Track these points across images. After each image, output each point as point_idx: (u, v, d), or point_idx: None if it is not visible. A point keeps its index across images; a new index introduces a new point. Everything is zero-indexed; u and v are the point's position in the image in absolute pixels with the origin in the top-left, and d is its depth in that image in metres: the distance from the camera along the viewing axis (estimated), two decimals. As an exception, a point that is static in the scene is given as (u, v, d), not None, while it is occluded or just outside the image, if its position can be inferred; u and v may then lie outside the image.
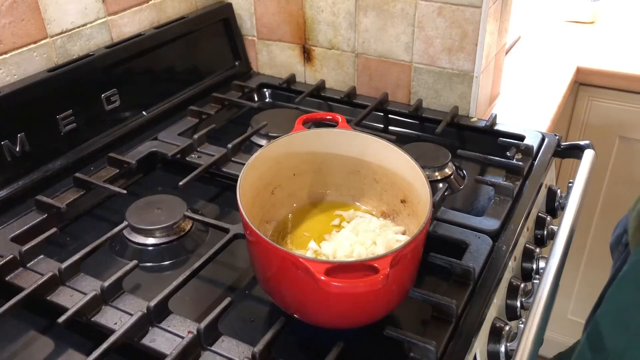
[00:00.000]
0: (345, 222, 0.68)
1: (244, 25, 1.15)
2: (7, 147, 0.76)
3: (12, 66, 0.81)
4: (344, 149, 0.68)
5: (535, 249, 0.79)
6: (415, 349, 0.56)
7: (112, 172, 0.83)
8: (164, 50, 1.00)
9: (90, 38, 0.92)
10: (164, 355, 0.54)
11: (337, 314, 0.56)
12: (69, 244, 0.74)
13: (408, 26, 0.98)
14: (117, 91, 0.91)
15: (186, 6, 1.09)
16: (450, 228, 0.71)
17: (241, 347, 0.56)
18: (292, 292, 0.56)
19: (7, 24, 0.79)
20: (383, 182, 0.68)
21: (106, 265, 0.69)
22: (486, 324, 0.63)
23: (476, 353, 0.61)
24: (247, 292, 0.66)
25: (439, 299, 0.59)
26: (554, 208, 0.90)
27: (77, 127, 0.85)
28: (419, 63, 1.01)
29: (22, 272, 0.65)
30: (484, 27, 0.93)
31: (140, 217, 0.73)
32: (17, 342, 0.60)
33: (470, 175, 0.86)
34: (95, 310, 0.59)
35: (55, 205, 0.74)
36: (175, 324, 0.58)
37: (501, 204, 0.76)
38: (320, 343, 0.59)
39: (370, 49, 1.04)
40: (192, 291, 0.65)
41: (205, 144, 0.89)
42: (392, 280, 0.48)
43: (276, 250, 0.52)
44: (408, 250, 0.53)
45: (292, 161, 0.68)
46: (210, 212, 0.81)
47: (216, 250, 0.66)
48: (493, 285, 0.65)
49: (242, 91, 1.07)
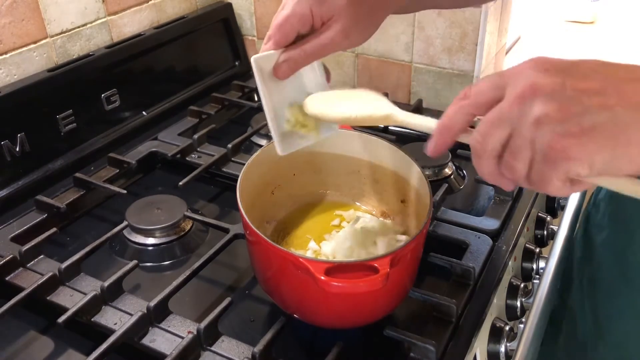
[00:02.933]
0: (345, 222, 0.68)
1: (244, 25, 1.15)
2: (7, 147, 0.76)
3: (12, 66, 0.81)
4: (344, 149, 0.68)
5: (535, 249, 0.79)
6: (415, 349, 0.56)
7: (112, 172, 0.83)
8: (164, 50, 1.00)
9: (90, 38, 0.92)
10: (164, 355, 0.54)
11: (337, 314, 0.56)
12: (69, 244, 0.74)
13: (408, 26, 0.98)
14: (117, 91, 0.91)
15: (186, 6, 1.09)
16: (450, 228, 0.71)
17: (241, 347, 0.56)
18: (292, 292, 0.56)
19: (7, 24, 0.79)
20: (383, 182, 0.68)
21: (106, 265, 0.69)
22: (486, 324, 0.63)
23: (476, 353, 0.62)
24: (247, 292, 0.66)
25: (439, 299, 0.59)
26: (554, 208, 0.90)
27: (77, 127, 0.85)
28: (419, 63, 1.01)
29: (22, 272, 0.65)
30: (484, 27, 0.93)
31: (140, 217, 0.73)
32: (17, 342, 0.60)
33: (470, 175, 0.86)
34: (95, 310, 0.59)
35: (55, 205, 0.74)
36: (175, 324, 0.58)
37: (501, 204, 0.76)
38: (320, 343, 0.59)
39: (370, 49, 1.04)
40: (192, 291, 0.65)
41: (205, 144, 0.89)
42: (392, 280, 0.48)
43: (276, 250, 0.52)
44: (408, 250, 0.53)
45: (292, 161, 0.68)
46: (210, 212, 0.81)
47: (216, 250, 0.66)
48: (493, 285, 0.65)
49: (242, 91, 1.07)
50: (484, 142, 0.41)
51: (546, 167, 0.38)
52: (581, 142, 0.36)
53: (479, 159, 0.42)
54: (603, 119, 0.36)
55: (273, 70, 0.55)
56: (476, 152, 0.42)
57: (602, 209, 0.71)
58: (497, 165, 0.41)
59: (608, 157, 0.36)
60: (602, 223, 0.70)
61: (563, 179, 0.38)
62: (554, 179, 0.38)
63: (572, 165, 0.37)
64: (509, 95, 0.39)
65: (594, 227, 0.72)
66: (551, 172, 0.38)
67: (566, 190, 0.40)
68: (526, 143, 0.38)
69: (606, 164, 0.37)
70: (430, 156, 0.47)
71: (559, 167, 0.38)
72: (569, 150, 0.37)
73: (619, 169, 0.37)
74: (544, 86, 0.38)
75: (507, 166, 0.40)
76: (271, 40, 0.55)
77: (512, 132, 0.39)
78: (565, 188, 0.39)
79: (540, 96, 0.38)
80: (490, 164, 0.41)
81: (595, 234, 0.72)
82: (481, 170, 0.42)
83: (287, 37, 0.55)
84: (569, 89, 0.37)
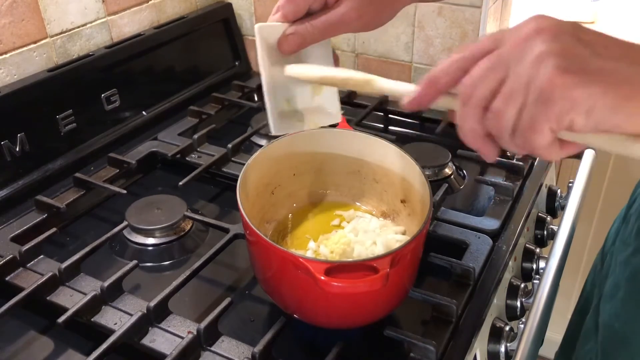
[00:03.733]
0: (345, 222, 0.68)
1: (244, 25, 1.15)
2: (7, 147, 0.76)
3: (12, 66, 0.81)
4: (344, 149, 0.68)
5: (535, 249, 0.79)
6: (415, 349, 0.56)
7: (112, 172, 0.83)
8: (163, 50, 1.00)
9: (90, 38, 0.92)
10: (164, 355, 0.54)
11: (337, 314, 0.56)
12: (69, 244, 0.74)
13: (408, 26, 0.98)
14: (117, 91, 0.91)
15: (186, 6, 1.09)
16: (450, 228, 0.71)
17: (241, 347, 0.56)
18: (292, 292, 0.56)
19: (7, 24, 0.79)
20: (383, 182, 0.68)
21: (106, 265, 0.69)
22: (486, 324, 0.63)
23: (476, 353, 0.61)
24: (247, 292, 0.66)
25: (439, 299, 0.59)
26: (554, 208, 0.90)
27: (77, 127, 0.85)
28: (419, 63, 1.01)
29: (22, 272, 0.65)
30: (484, 27, 0.93)
31: (140, 217, 0.73)
32: (17, 342, 0.60)
33: (470, 175, 0.86)
34: (95, 311, 0.59)
35: (55, 205, 0.74)
36: (175, 324, 0.58)
37: (501, 204, 0.76)
38: (320, 343, 0.59)
39: (370, 49, 1.04)
40: (192, 291, 0.65)
41: (205, 144, 0.89)
42: (391, 281, 0.48)
43: (276, 250, 0.52)
44: (408, 250, 0.53)
45: (292, 161, 0.68)
46: (210, 212, 0.81)
47: (216, 250, 0.66)
48: (493, 285, 0.65)
49: (242, 91, 1.07)
50: (474, 87, 0.37)
51: (539, 110, 0.35)
52: (584, 82, 0.33)
53: (464, 107, 0.38)
54: (609, 67, 0.34)
55: (277, 43, 0.52)
56: (463, 99, 0.38)
57: (631, 224, 0.68)
58: (481, 117, 0.38)
59: (609, 106, 0.33)
60: (629, 240, 0.67)
61: (554, 129, 0.35)
62: (545, 127, 0.35)
63: (569, 109, 0.34)
64: (509, 40, 0.36)
65: (620, 243, 0.70)
66: (543, 117, 0.35)
67: (554, 148, 0.36)
68: (521, 83, 0.35)
69: (604, 115, 0.34)
70: (405, 108, 0.43)
71: (554, 109, 0.34)
72: (569, 88, 0.33)
73: (616, 125, 0.34)
74: (549, 28, 0.35)
75: (495, 115, 0.37)
76: (280, 12, 0.52)
77: (507, 75, 0.36)
78: (554, 146, 0.36)
79: (544, 35, 0.35)
80: (475, 114, 0.38)
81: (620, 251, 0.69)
82: (464, 124, 0.39)
83: (297, 9, 0.51)
84: (575, 35, 0.35)
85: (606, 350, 0.67)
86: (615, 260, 0.70)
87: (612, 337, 0.66)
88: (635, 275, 0.64)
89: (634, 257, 0.65)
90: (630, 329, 0.63)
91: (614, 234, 0.75)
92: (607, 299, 0.68)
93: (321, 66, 0.54)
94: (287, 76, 0.53)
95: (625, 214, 0.72)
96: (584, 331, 0.74)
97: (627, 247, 0.67)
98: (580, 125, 0.34)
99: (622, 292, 0.65)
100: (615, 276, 0.68)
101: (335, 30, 0.52)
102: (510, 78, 0.36)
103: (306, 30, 0.51)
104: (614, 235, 0.75)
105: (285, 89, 0.55)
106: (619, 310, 0.65)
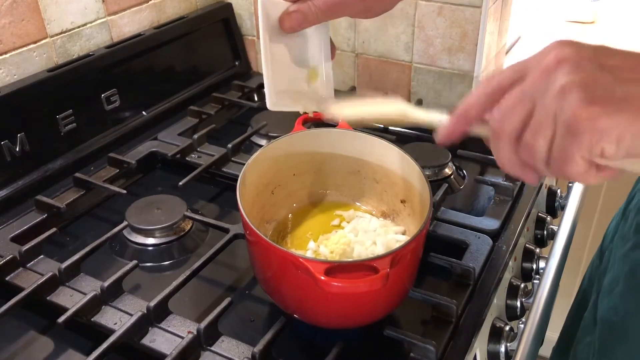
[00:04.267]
0: (345, 222, 0.68)
1: (244, 25, 1.15)
2: (7, 147, 0.76)
3: (12, 66, 0.81)
4: (344, 149, 0.68)
5: (535, 249, 0.79)
6: (415, 349, 0.56)
7: (112, 172, 0.83)
8: (164, 50, 1.00)
9: (90, 38, 0.92)
10: (164, 355, 0.54)
11: (337, 314, 0.56)
12: (69, 244, 0.74)
13: (408, 26, 0.98)
14: (117, 91, 0.91)
15: (186, 6, 1.09)
16: (450, 228, 0.71)
17: (241, 347, 0.56)
18: (292, 292, 0.56)
19: (7, 24, 0.79)
20: (383, 182, 0.68)
21: (106, 265, 0.69)
22: (486, 324, 0.63)
23: (476, 353, 0.62)
24: (247, 292, 0.66)
25: (439, 299, 0.59)
26: (554, 208, 0.90)
27: (77, 127, 0.85)
28: (419, 63, 1.01)
29: (22, 272, 0.65)
30: (484, 27, 0.93)
31: (140, 217, 0.73)
32: (17, 342, 0.60)
33: (470, 175, 0.86)
34: (95, 311, 0.59)
35: (55, 205, 0.74)
36: (175, 324, 0.58)
37: (501, 204, 0.76)
38: (320, 343, 0.59)
39: (370, 49, 1.04)
40: (192, 291, 0.65)
41: (205, 144, 0.89)
42: (392, 280, 0.48)
43: (276, 250, 0.52)
44: (408, 250, 0.53)
45: (292, 161, 0.68)
46: (210, 212, 0.81)
47: (216, 250, 0.66)
48: (493, 285, 0.65)
49: (242, 91, 1.07)
50: (504, 121, 0.37)
51: (568, 142, 0.34)
52: (609, 112, 0.33)
53: (497, 140, 0.39)
54: (634, 91, 0.33)
55: (279, 20, 0.53)
56: (495, 133, 0.39)
57: (630, 220, 0.68)
58: (516, 148, 0.38)
59: (638, 133, 0.33)
60: (628, 235, 0.67)
61: (586, 158, 0.35)
62: (576, 157, 0.35)
63: (597, 139, 0.33)
64: (532, 72, 0.36)
65: (619, 239, 0.70)
66: (573, 148, 0.34)
67: (591, 174, 0.36)
68: (548, 116, 0.35)
69: (634, 142, 0.33)
70: (440, 143, 0.44)
71: (583, 141, 0.34)
72: (595, 119, 0.33)
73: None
74: (570, 57, 0.35)
75: (527, 147, 0.37)
76: None
77: (534, 108, 0.36)
78: (590, 172, 0.35)
79: (566, 66, 0.35)
80: (509, 147, 0.38)
81: (619, 246, 0.69)
82: (500, 155, 0.39)
83: None
84: (597, 62, 0.34)
85: (604, 344, 0.67)
86: (614, 255, 0.70)
87: (610, 331, 0.66)
88: (633, 269, 0.64)
89: (632, 252, 0.65)
90: (628, 323, 0.63)
91: (613, 230, 0.75)
92: (606, 294, 0.68)
93: (357, 106, 0.56)
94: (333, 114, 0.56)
95: (624, 210, 0.72)
96: (582, 326, 0.75)
97: (626, 243, 0.67)
98: (612, 153, 0.34)
99: (621, 286, 0.65)
100: (614, 271, 0.68)
101: (337, 11, 0.53)
102: (537, 111, 0.36)
103: (309, 9, 0.52)
104: (612, 231, 0.75)
105: (282, 67, 0.56)
106: (617, 305, 0.65)
